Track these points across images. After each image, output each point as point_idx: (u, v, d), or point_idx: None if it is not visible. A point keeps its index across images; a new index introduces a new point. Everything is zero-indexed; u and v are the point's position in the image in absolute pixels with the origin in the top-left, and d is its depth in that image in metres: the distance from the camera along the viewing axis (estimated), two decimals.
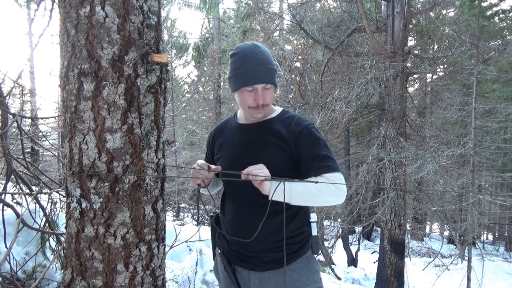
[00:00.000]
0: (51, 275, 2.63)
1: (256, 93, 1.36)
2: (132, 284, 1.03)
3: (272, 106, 1.49)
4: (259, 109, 1.39)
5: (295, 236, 1.40)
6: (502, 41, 9.70)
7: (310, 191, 1.26)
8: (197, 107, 15.92)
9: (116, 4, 0.97)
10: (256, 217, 1.33)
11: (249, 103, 1.38)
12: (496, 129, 8.47)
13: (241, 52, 1.38)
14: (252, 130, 1.45)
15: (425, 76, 10.28)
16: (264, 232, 1.36)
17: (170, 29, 14.19)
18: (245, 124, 1.48)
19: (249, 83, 1.36)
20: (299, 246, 1.40)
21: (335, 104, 6.54)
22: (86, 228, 1.00)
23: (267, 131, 1.41)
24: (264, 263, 1.37)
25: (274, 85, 1.39)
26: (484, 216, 9.52)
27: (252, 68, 1.35)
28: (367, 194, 8.30)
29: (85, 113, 0.98)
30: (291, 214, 1.38)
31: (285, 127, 1.40)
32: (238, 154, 1.44)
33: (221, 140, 1.55)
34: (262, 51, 1.38)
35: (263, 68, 1.35)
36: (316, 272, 1.42)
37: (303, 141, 1.36)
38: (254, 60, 1.36)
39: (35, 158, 7.64)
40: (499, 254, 13.11)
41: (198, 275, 3.36)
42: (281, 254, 1.36)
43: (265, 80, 1.35)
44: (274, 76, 1.39)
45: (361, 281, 7.30)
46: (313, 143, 1.36)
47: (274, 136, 1.39)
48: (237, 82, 1.38)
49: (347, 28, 7.30)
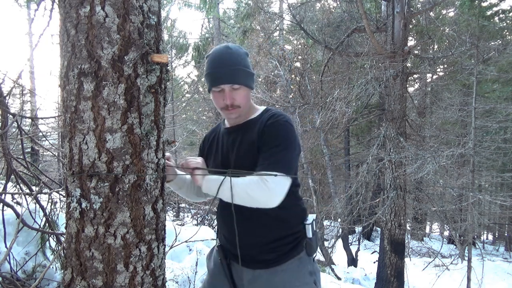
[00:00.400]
0: (51, 275, 2.63)
1: (224, 94, 1.37)
2: (132, 284, 1.03)
3: (255, 106, 1.49)
4: (230, 110, 1.38)
5: (286, 237, 1.39)
6: (502, 41, 9.71)
7: (238, 186, 1.23)
8: (197, 107, 15.93)
9: (116, 4, 0.97)
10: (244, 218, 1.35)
11: (219, 104, 1.40)
12: (496, 129, 8.47)
13: (211, 54, 1.41)
14: (233, 133, 1.45)
15: (425, 76, 10.28)
16: (255, 234, 1.39)
17: (170, 29, 14.20)
18: (228, 128, 1.49)
19: (214, 84, 1.37)
20: (290, 247, 1.39)
21: (335, 104, 6.54)
22: (86, 228, 1.00)
23: (246, 132, 1.40)
24: (256, 262, 1.38)
25: (244, 85, 1.37)
26: (484, 216, 9.52)
27: (217, 69, 1.36)
28: (367, 194, 8.30)
29: (85, 113, 0.98)
30: (279, 217, 1.37)
31: (258, 127, 1.37)
32: (221, 158, 1.46)
33: (208, 145, 1.58)
34: (232, 52, 1.38)
35: (229, 69, 1.35)
36: (308, 274, 1.39)
37: (265, 136, 1.32)
38: (220, 61, 1.37)
39: (35, 158, 7.64)
40: (499, 254, 13.11)
41: (198, 275, 3.36)
42: (273, 255, 1.37)
43: (229, 80, 1.35)
44: (242, 76, 1.36)
45: (361, 281, 7.30)
46: (270, 138, 1.31)
47: (249, 137, 1.37)
48: (207, 83, 1.41)
49: (347, 28, 7.30)
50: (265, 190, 1.21)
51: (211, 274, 1.56)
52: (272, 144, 1.29)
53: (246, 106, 1.42)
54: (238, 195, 1.24)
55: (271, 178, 1.21)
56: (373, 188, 8.69)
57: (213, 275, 1.54)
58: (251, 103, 1.48)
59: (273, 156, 1.27)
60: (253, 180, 1.23)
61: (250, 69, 1.42)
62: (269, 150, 1.29)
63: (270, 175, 1.22)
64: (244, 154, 1.37)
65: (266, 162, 1.26)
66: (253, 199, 1.23)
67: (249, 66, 1.42)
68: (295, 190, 1.42)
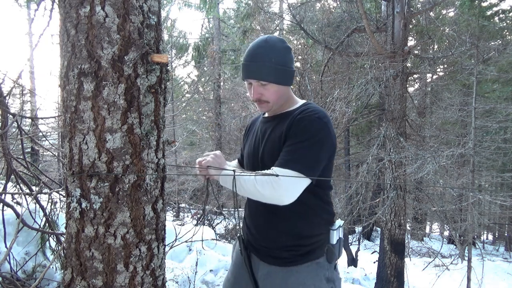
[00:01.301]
0: (51, 275, 2.63)
1: (251, 87, 1.36)
2: (132, 284, 1.03)
3: (295, 99, 1.45)
4: (259, 104, 1.38)
5: (304, 238, 1.34)
6: (502, 41, 9.70)
7: (248, 181, 1.23)
8: (197, 107, 15.92)
9: (116, 4, 0.97)
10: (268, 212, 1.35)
11: (250, 96, 1.39)
12: (496, 129, 8.46)
13: (250, 45, 1.39)
14: (267, 123, 1.44)
15: (425, 76, 10.27)
16: (275, 229, 1.37)
17: (170, 29, 14.20)
18: (265, 117, 1.48)
19: (244, 77, 1.37)
20: (309, 249, 1.34)
21: (335, 104, 6.54)
22: (86, 228, 1.00)
23: (278, 124, 1.37)
24: (271, 258, 1.37)
25: (273, 82, 1.33)
26: (484, 216, 9.52)
27: (248, 62, 1.34)
28: (367, 194, 8.30)
29: (85, 113, 0.98)
30: (299, 213, 1.33)
31: (291, 118, 1.32)
32: (253, 146, 1.45)
33: (248, 131, 1.58)
34: (267, 46, 1.33)
35: (259, 64, 1.31)
36: (325, 280, 1.33)
37: (291, 129, 1.28)
38: (251, 55, 1.34)
39: (35, 158, 7.64)
40: (499, 254, 13.11)
41: (198, 275, 3.36)
42: (290, 254, 1.34)
43: (256, 76, 1.33)
44: (272, 73, 1.32)
45: (361, 281, 7.30)
46: (296, 133, 1.26)
47: (279, 129, 1.34)
48: (240, 73, 1.40)
49: (347, 28, 7.30)
50: (274, 189, 1.19)
51: (234, 264, 1.55)
52: (297, 139, 1.24)
53: (278, 102, 1.39)
54: (249, 192, 1.25)
55: (283, 176, 1.19)
56: (373, 188, 8.69)
57: (235, 265, 1.53)
58: (290, 95, 1.43)
59: (294, 152, 1.23)
60: (263, 178, 1.21)
61: (286, 66, 1.35)
62: (292, 146, 1.24)
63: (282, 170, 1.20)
64: (270, 146, 1.34)
65: (284, 157, 1.23)
66: (263, 196, 1.22)
67: (286, 63, 1.35)
68: (322, 192, 1.36)
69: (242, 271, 1.47)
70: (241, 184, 1.25)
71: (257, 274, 1.41)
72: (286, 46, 1.38)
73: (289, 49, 1.39)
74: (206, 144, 14.03)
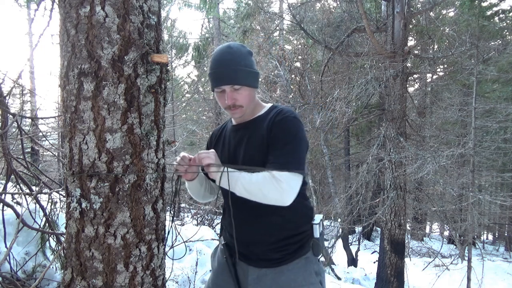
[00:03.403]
0: (51, 275, 2.63)
1: (224, 94, 1.36)
2: (132, 284, 1.03)
3: (261, 103, 1.48)
4: (233, 110, 1.38)
5: (293, 236, 1.38)
6: (502, 41, 9.70)
7: (253, 184, 1.23)
8: (197, 107, 15.92)
9: (116, 4, 0.97)
10: (252, 217, 1.36)
11: (222, 104, 1.39)
12: (496, 129, 8.46)
13: (213, 54, 1.39)
14: (240, 130, 1.44)
15: (425, 76, 10.28)
16: (262, 233, 1.38)
17: (170, 29, 14.21)
18: (235, 125, 1.49)
19: (215, 84, 1.37)
20: (297, 246, 1.38)
21: (335, 104, 6.54)
22: (86, 228, 1.00)
23: (254, 129, 1.39)
24: (262, 261, 1.38)
25: (245, 85, 1.35)
26: (484, 216, 9.51)
27: (217, 69, 1.35)
28: (367, 194, 8.30)
29: (85, 113, 0.98)
30: (288, 214, 1.36)
31: (266, 124, 1.36)
32: (228, 154, 1.45)
33: (215, 141, 1.57)
34: (233, 52, 1.35)
35: (229, 69, 1.33)
36: (314, 274, 1.39)
37: (274, 132, 1.31)
38: (220, 61, 1.35)
39: (35, 158, 7.63)
40: (499, 254, 13.11)
41: (198, 275, 3.36)
42: (280, 254, 1.36)
43: (229, 81, 1.33)
44: (243, 76, 1.34)
45: (361, 281, 7.30)
46: (280, 135, 1.30)
47: (258, 133, 1.36)
48: (210, 83, 1.41)
49: (347, 28, 7.30)
50: (279, 189, 1.21)
51: (215, 273, 1.55)
52: (283, 141, 1.29)
53: (250, 105, 1.41)
54: (251, 193, 1.25)
55: (284, 178, 1.22)
56: (373, 188, 8.69)
57: (217, 273, 1.53)
58: (256, 101, 1.46)
59: (285, 154, 1.26)
60: (267, 179, 1.22)
61: (253, 68, 1.39)
62: (280, 148, 1.28)
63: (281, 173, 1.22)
64: (253, 150, 1.36)
65: (278, 160, 1.26)
66: (266, 197, 1.23)
67: (252, 65, 1.39)
68: (303, 188, 1.40)
69: (225, 280, 1.47)
70: (243, 185, 1.24)
71: (247, 279, 1.41)
72: (248, 50, 1.43)
73: (251, 53, 1.44)
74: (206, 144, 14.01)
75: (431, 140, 7.56)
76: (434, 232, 17.64)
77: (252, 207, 1.32)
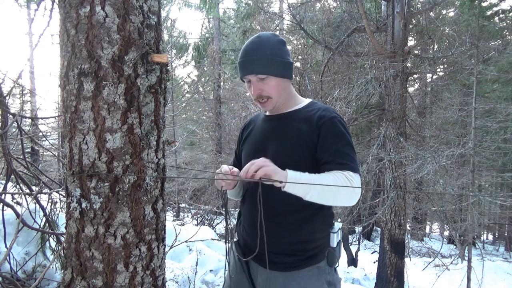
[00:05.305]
0: (51, 275, 2.63)
1: (251, 86, 1.32)
2: (132, 284, 1.03)
3: (298, 97, 1.43)
4: (262, 103, 1.34)
5: (308, 242, 1.32)
6: (502, 41, 9.69)
7: (328, 187, 1.16)
8: (197, 107, 15.92)
9: (116, 4, 0.97)
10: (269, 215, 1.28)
11: (252, 95, 1.35)
12: (496, 129, 8.46)
13: (244, 44, 1.36)
14: (273, 121, 1.39)
15: (425, 76, 10.27)
16: (276, 234, 1.31)
17: (170, 29, 14.20)
18: (268, 116, 1.43)
19: (241, 74, 1.34)
20: (311, 253, 1.32)
21: (335, 104, 6.53)
22: (86, 228, 1.00)
23: (287, 124, 1.34)
24: (273, 263, 1.32)
25: (272, 75, 1.30)
26: (484, 216, 9.51)
27: (241, 59, 1.32)
28: (367, 194, 8.30)
29: (85, 113, 0.98)
30: (304, 217, 1.31)
31: (307, 119, 1.31)
32: (257, 147, 1.40)
33: (247, 132, 1.52)
34: (259, 41, 1.31)
35: (254, 58, 1.29)
36: (326, 284, 1.32)
37: (324, 134, 1.27)
38: (245, 50, 1.32)
39: (35, 158, 7.64)
40: (499, 254, 13.11)
41: (198, 275, 3.36)
42: (292, 259, 1.31)
43: (250, 71, 1.29)
44: (269, 65, 1.28)
45: (361, 281, 7.29)
46: (334, 137, 1.27)
47: (294, 129, 1.31)
48: (239, 74, 1.36)
49: (347, 28, 7.29)
50: (351, 192, 1.19)
51: (231, 270, 1.50)
52: (342, 141, 1.27)
53: (280, 96, 1.35)
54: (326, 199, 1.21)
55: (356, 179, 1.21)
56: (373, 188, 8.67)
57: (233, 270, 1.49)
58: (292, 92, 1.40)
59: (345, 156, 1.24)
60: (340, 180, 1.19)
61: (283, 58, 1.33)
62: (337, 151, 1.25)
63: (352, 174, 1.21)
64: (287, 144, 1.31)
65: (340, 160, 1.23)
66: (342, 202, 1.21)
67: (281, 55, 1.33)
68: None
69: (241, 277, 1.44)
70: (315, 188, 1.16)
71: (256, 280, 1.38)
72: (280, 39, 1.37)
73: (283, 41, 1.37)
74: (206, 144, 14.02)
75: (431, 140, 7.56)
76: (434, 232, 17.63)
77: (273, 203, 1.28)
